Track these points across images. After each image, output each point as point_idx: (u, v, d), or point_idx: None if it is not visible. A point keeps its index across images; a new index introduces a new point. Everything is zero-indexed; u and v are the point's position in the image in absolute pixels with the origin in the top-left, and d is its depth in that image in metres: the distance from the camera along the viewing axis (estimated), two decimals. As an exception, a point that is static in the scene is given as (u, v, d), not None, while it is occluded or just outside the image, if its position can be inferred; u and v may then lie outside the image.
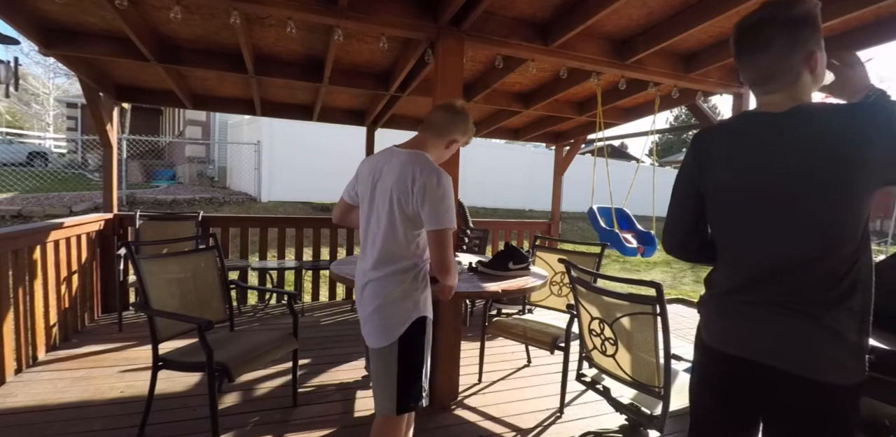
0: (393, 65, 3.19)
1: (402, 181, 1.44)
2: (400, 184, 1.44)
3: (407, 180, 1.43)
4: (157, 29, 2.64)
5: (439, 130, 1.59)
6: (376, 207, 1.52)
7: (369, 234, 1.54)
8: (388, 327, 1.47)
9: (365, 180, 1.58)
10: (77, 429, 2.04)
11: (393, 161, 1.51)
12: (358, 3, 2.20)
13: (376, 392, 1.52)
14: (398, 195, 1.44)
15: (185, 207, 8.99)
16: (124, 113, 12.17)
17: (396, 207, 1.45)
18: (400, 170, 1.46)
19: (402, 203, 1.44)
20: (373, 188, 1.53)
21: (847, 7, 2.11)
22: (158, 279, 2.13)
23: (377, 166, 1.55)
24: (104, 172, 3.90)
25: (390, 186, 1.46)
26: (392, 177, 1.47)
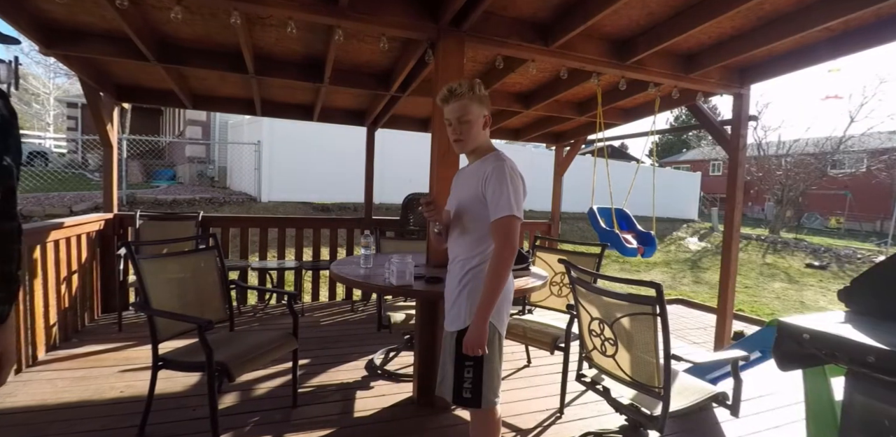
0: (393, 65, 3.19)
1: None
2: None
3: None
4: (158, 29, 2.64)
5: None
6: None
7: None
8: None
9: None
10: (77, 429, 2.04)
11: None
12: (358, 3, 2.20)
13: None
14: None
15: (185, 207, 8.98)
16: (124, 113, 12.18)
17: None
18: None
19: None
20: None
21: (847, 7, 2.11)
22: (158, 279, 2.13)
23: None
24: (104, 172, 3.90)
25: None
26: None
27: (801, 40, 2.59)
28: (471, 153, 1.61)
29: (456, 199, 1.64)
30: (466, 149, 1.59)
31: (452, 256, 1.66)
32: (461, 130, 1.54)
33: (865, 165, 18.93)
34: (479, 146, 1.60)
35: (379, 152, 5.29)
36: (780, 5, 2.26)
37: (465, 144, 1.57)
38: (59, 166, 12.54)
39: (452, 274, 1.64)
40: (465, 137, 1.55)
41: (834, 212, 20.01)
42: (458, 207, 1.61)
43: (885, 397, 1.27)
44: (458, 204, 1.61)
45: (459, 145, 1.59)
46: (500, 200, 1.45)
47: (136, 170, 12.22)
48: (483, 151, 1.61)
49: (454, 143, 1.59)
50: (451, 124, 1.56)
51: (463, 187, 1.62)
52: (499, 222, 1.45)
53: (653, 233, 4.00)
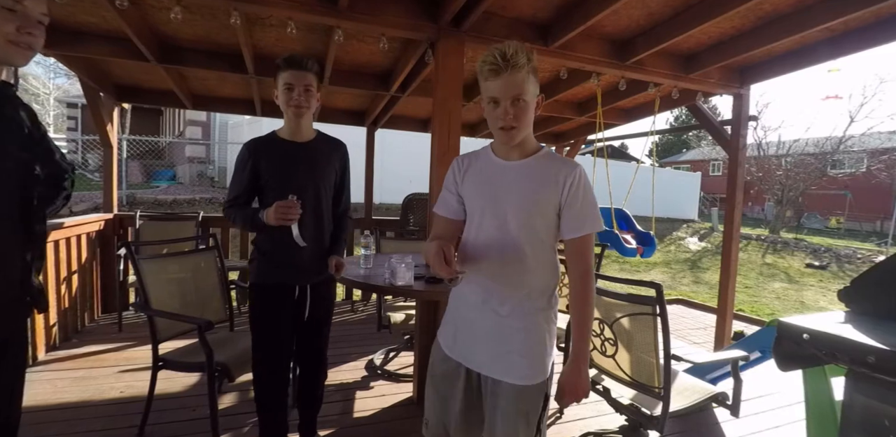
0: (393, 65, 3.19)
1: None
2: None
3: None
4: (158, 29, 2.64)
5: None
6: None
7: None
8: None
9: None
10: (77, 429, 2.03)
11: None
12: (358, 4, 2.20)
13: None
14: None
15: (186, 207, 8.99)
16: (124, 113, 12.18)
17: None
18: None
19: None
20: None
21: (847, 7, 2.11)
22: (158, 279, 2.13)
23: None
24: (104, 172, 3.90)
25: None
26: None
27: (800, 40, 2.59)
28: (515, 147, 1.19)
29: (504, 213, 1.17)
30: (518, 139, 1.15)
31: (487, 293, 1.19)
32: (516, 113, 1.10)
33: (865, 165, 18.92)
34: (528, 138, 1.20)
35: (379, 152, 5.29)
36: (780, 5, 2.26)
37: (519, 131, 1.13)
38: (59, 166, 12.50)
39: (500, 321, 1.18)
40: (520, 122, 1.12)
41: (834, 212, 20.02)
42: (511, 224, 1.16)
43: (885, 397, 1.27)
44: (510, 220, 1.16)
45: (510, 135, 1.13)
46: (589, 212, 1.15)
47: (136, 170, 12.22)
48: (532, 145, 1.21)
49: (502, 131, 1.14)
50: (497, 104, 1.12)
51: (519, 196, 1.17)
52: (583, 240, 1.15)
53: (652, 233, 4.00)
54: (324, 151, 1.77)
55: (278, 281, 1.72)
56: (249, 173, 1.68)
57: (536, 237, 1.16)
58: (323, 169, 1.76)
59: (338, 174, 1.82)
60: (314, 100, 1.69)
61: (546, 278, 1.20)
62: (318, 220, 1.75)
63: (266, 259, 1.72)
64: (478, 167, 1.25)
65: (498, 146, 1.24)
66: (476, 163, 1.27)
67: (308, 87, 1.64)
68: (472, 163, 1.27)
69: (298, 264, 1.72)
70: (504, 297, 1.18)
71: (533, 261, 1.16)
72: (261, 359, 1.76)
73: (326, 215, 1.79)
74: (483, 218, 1.20)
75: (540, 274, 1.18)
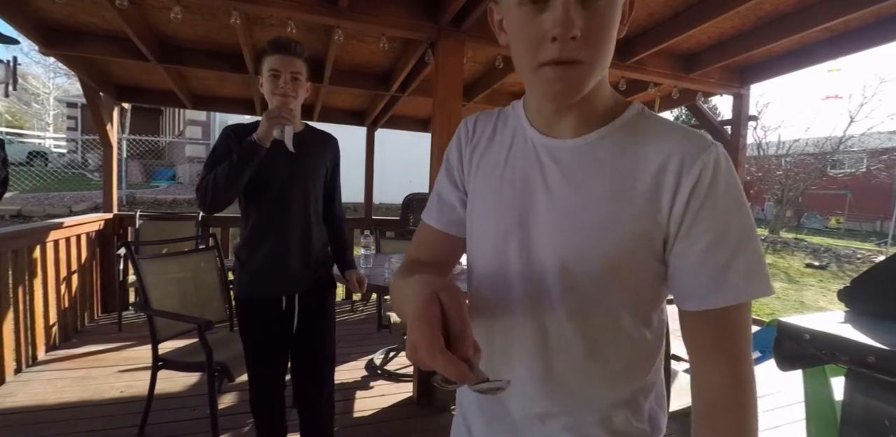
0: (393, 65, 3.19)
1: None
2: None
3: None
4: (158, 29, 2.64)
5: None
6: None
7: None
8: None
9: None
10: (77, 429, 2.03)
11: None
12: (358, 4, 2.20)
13: None
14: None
15: (185, 207, 8.99)
16: (124, 113, 12.18)
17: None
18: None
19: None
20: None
21: (847, 7, 2.11)
22: (158, 279, 2.13)
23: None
24: (104, 172, 3.90)
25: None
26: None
27: (800, 40, 2.59)
28: (572, 108, 0.59)
29: (545, 250, 0.59)
30: (584, 89, 0.54)
31: (519, 401, 0.63)
32: (588, 22, 0.49)
33: (865, 165, 18.92)
34: (601, 86, 0.59)
35: (379, 152, 5.29)
36: (780, 5, 2.26)
37: (590, 69, 0.52)
38: (59, 166, 12.54)
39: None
40: (594, 46, 0.51)
41: (834, 212, 20.01)
42: (559, 275, 0.58)
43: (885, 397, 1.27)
44: (556, 264, 0.58)
45: (570, 77, 0.51)
46: (741, 250, 0.53)
47: (135, 170, 12.23)
48: (606, 101, 0.61)
49: (551, 69, 0.51)
50: (543, 3, 0.50)
51: (576, 216, 0.58)
52: (730, 315, 0.54)
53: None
54: (312, 145, 1.59)
55: (263, 296, 1.54)
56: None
57: (618, 301, 0.57)
58: (312, 164, 1.58)
59: (328, 170, 1.65)
60: (302, 89, 1.51)
61: (639, 375, 0.61)
62: (306, 219, 1.57)
63: (246, 270, 1.53)
64: (499, 146, 0.65)
65: (536, 108, 0.62)
66: (498, 137, 0.66)
67: (296, 74, 1.46)
68: (491, 135, 0.67)
69: (283, 271, 1.53)
70: (549, 412, 0.61)
71: (612, 349, 0.58)
72: (252, 379, 1.63)
73: (315, 215, 1.61)
74: (501, 254, 0.61)
75: (626, 373, 0.60)
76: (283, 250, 1.51)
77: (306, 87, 1.53)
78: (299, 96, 1.51)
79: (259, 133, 1.38)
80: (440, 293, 0.44)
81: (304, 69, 1.50)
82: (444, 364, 0.41)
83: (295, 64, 1.46)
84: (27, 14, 2.46)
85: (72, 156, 14.57)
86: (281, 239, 1.51)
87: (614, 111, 0.60)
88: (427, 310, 0.43)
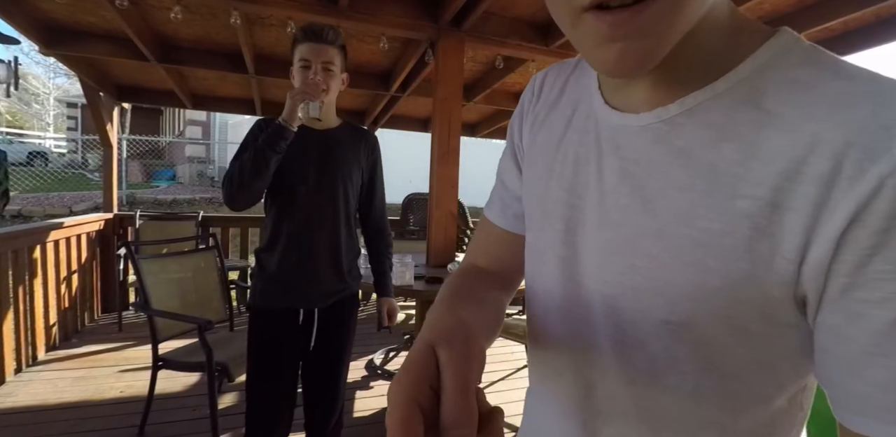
0: (393, 65, 3.19)
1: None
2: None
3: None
4: (158, 29, 2.64)
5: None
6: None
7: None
8: None
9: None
10: (77, 429, 2.03)
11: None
12: (358, 4, 2.20)
13: None
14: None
15: (185, 207, 8.99)
16: (124, 113, 12.19)
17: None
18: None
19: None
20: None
21: (847, 7, 2.11)
22: (158, 279, 2.13)
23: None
24: (104, 172, 3.90)
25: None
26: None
27: (800, 40, 2.59)
28: (653, 74, 0.34)
29: (595, 280, 0.40)
30: (675, 37, 0.30)
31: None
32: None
33: (865, 165, 18.94)
34: (705, 19, 0.32)
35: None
36: (779, 5, 2.26)
37: (673, 8, 0.28)
38: (59, 166, 12.55)
39: None
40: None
41: (834, 212, 20.02)
42: (622, 323, 0.38)
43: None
44: (620, 314, 0.38)
45: (651, 19, 0.28)
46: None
47: (136, 170, 12.23)
48: (718, 39, 0.33)
49: (615, 20, 0.28)
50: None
51: (634, 240, 0.36)
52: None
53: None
54: (347, 142, 1.41)
55: (281, 305, 1.38)
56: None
57: (696, 373, 0.36)
58: (344, 163, 1.40)
59: (364, 172, 1.47)
60: (337, 81, 1.34)
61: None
62: (335, 225, 1.39)
63: (267, 277, 1.38)
64: (561, 113, 0.45)
65: (607, 77, 0.41)
66: (565, 98, 0.46)
67: (328, 64, 1.31)
68: (559, 95, 0.47)
69: (305, 282, 1.38)
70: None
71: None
72: (252, 400, 1.40)
73: (345, 220, 1.41)
74: (542, 272, 0.46)
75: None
76: (307, 258, 1.36)
77: (342, 78, 1.37)
78: (332, 89, 1.33)
79: (284, 113, 1.24)
80: (438, 346, 0.30)
81: (339, 58, 1.34)
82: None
83: (328, 53, 1.31)
84: (27, 14, 2.46)
85: (72, 156, 14.58)
86: (305, 245, 1.36)
87: (727, 56, 0.33)
88: (405, 373, 0.29)
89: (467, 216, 4.10)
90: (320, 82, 1.28)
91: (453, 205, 2.45)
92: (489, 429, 0.28)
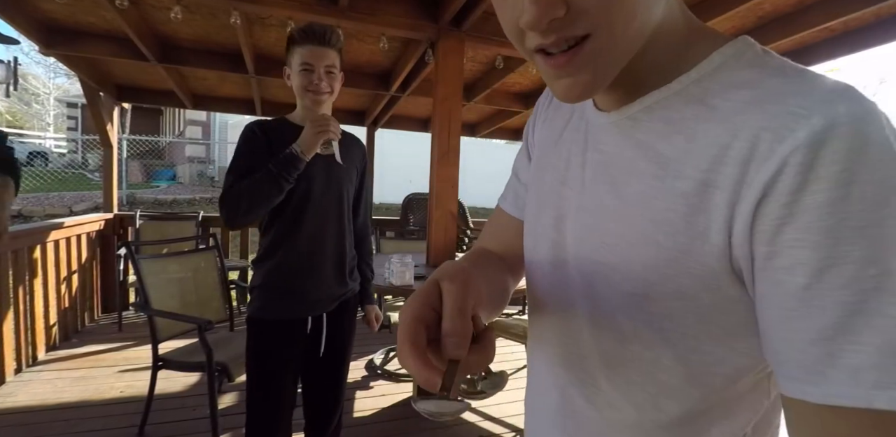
0: (393, 65, 3.19)
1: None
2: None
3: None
4: (158, 29, 2.64)
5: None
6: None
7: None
8: None
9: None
10: (77, 429, 2.03)
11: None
12: (358, 3, 2.20)
13: None
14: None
15: (186, 207, 8.99)
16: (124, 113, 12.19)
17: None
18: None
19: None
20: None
21: (847, 7, 2.11)
22: (158, 279, 2.13)
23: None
24: (104, 172, 3.90)
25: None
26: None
27: (800, 40, 2.59)
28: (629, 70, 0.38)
29: (573, 258, 0.46)
30: (618, 64, 0.36)
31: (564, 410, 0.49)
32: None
33: (865, 165, 18.94)
34: (662, 30, 0.37)
35: (378, 152, 5.29)
36: (780, 5, 2.26)
37: (613, 37, 0.33)
38: (59, 166, 12.55)
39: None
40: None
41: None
42: (597, 300, 0.43)
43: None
44: (594, 290, 0.43)
45: (587, 58, 0.34)
46: (879, 326, 0.28)
47: (136, 170, 12.23)
48: (675, 48, 0.39)
49: (557, 63, 0.34)
50: None
51: (607, 217, 0.42)
52: (861, 423, 0.28)
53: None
54: (346, 147, 1.40)
55: (286, 316, 1.34)
56: (267, 155, 1.24)
57: (660, 346, 0.39)
58: (347, 171, 1.40)
59: (358, 176, 1.48)
60: (338, 83, 1.34)
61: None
62: (341, 230, 1.39)
63: (272, 287, 1.32)
64: (563, 113, 0.52)
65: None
66: (576, 106, 0.50)
67: (330, 67, 1.28)
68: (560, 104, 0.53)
69: (316, 288, 1.35)
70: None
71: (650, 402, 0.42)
72: (253, 410, 1.38)
73: (348, 225, 1.42)
74: (538, 256, 0.51)
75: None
76: (316, 265, 1.34)
77: (341, 77, 1.35)
78: (334, 91, 1.33)
79: (304, 145, 1.22)
80: (442, 281, 0.36)
81: (339, 60, 1.32)
82: (411, 363, 0.32)
83: (329, 56, 1.28)
84: (27, 14, 2.46)
85: (72, 156, 14.58)
86: (314, 252, 1.34)
87: (682, 62, 0.38)
88: (415, 298, 0.36)
89: (467, 216, 4.10)
90: (336, 129, 1.27)
91: (453, 205, 2.45)
92: (481, 338, 0.35)
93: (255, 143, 1.28)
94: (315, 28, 1.26)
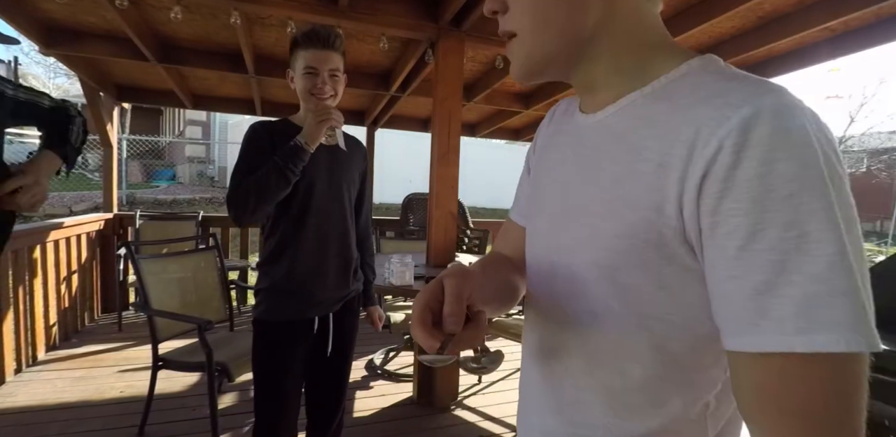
0: (393, 65, 3.19)
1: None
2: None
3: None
4: (158, 29, 2.64)
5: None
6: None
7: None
8: None
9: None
10: (77, 429, 2.03)
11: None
12: (358, 3, 2.20)
13: None
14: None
15: (185, 207, 8.99)
16: (124, 113, 12.18)
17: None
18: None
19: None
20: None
21: (847, 7, 2.11)
22: (158, 279, 2.13)
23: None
24: (104, 172, 3.90)
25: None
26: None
27: (801, 40, 2.59)
28: (588, 72, 0.50)
29: (560, 240, 0.52)
30: (534, 60, 0.49)
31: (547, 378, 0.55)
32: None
33: (865, 165, 18.93)
34: (620, 45, 0.47)
35: (378, 152, 5.29)
36: (780, 5, 2.26)
37: (531, 39, 0.48)
38: (59, 166, 12.52)
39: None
40: (528, 13, 0.47)
41: (834, 212, 19.96)
42: (567, 269, 0.50)
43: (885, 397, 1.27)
44: (568, 254, 0.51)
45: (513, 48, 0.50)
46: (797, 281, 0.33)
47: (136, 170, 12.22)
48: (642, 60, 0.48)
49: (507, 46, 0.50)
50: None
51: (584, 199, 0.49)
52: (791, 366, 0.34)
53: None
54: (348, 149, 1.41)
55: (293, 317, 1.34)
56: (272, 155, 1.25)
57: (620, 312, 0.45)
58: (349, 171, 1.42)
59: (359, 179, 1.49)
60: (341, 86, 1.33)
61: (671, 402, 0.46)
62: (345, 230, 1.40)
63: (279, 289, 1.32)
64: (560, 124, 0.60)
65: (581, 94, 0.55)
66: (567, 115, 0.59)
67: (334, 71, 1.29)
68: (564, 111, 0.61)
69: (323, 289, 1.36)
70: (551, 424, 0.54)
71: (616, 366, 0.47)
72: (263, 418, 1.35)
73: (352, 225, 1.43)
74: (532, 250, 0.59)
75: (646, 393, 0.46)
76: (322, 265, 1.35)
77: (344, 79, 1.36)
78: (339, 94, 1.34)
79: (307, 135, 1.22)
80: (445, 277, 0.45)
81: (342, 63, 1.32)
82: (419, 335, 0.43)
83: (333, 59, 1.29)
84: (27, 14, 2.46)
85: (72, 156, 14.55)
86: (320, 253, 1.34)
87: (651, 71, 0.46)
88: (425, 290, 0.46)
89: (467, 216, 4.10)
90: (339, 117, 1.27)
91: (453, 205, 2.45)
92: (474, 319, 0.45)
93: (259, 142, 1.30)
94: (319, 31, 1.26)
